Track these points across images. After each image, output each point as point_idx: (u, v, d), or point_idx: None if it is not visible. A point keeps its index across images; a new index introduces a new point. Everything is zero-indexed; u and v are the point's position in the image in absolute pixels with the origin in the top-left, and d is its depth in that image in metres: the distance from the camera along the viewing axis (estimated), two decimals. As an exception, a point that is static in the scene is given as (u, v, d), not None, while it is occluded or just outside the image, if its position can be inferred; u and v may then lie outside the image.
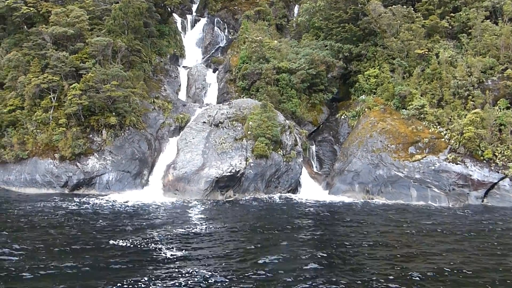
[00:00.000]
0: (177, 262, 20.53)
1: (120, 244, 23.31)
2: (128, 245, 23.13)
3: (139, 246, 23.05)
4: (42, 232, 25.76)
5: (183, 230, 26.97)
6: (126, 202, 36.53)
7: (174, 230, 26.86)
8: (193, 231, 26.87)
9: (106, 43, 44.88)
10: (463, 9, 51.55)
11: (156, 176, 43.08)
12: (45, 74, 43.53)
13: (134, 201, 36.87)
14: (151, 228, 27.39)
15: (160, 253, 21.94)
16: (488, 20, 49.32)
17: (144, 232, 26.16)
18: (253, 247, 23.67)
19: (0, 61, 47.25)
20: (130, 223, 28.56)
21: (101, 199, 37.85)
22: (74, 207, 33.77)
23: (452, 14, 52.02)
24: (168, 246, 23.19)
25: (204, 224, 29.12)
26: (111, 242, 23.65)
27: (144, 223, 28.77)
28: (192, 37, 66.27)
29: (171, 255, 21.55)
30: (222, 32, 67.86)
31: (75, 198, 37.45)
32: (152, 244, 23.47)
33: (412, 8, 52.20)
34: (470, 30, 49.52)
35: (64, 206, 34.12)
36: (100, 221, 29.16)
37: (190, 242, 24.29)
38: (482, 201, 39.91)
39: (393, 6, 51.78)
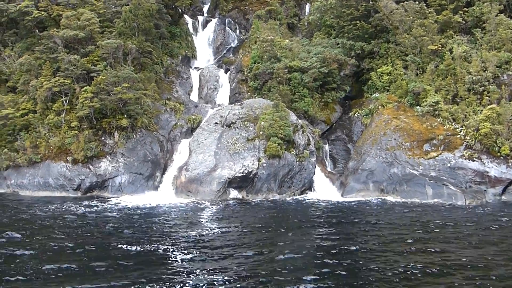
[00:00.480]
0: (186, 265, 20.17)
1: (128, 247, 22.97)
2: (137, 248, 22.79)
3: (148, 248, 22.71)
4: (52, 235, 25.54)
5: (193, 232, 26.59)
6: (138, 204, 36.31)
7: (184, 233, 26.52)
8: (203, 233, 26.51)
9: (117, 45, 44.87)
10: (477, 4, 50.73)
11: (168, 177, 42.94)
12: (56, 77, 43.65)
13: (146, 203, 36.66)
14: (162, 231, 27.13)
15: (169, 255, 21.56)
16: (502, 14, 48.49)
17: (154, 235, 25.89)
18: (263, 250, 23.14)
19: (12, 65, 47.51)
20: (140, 226, 28.38)
21: (113, 201, 37.73)
22: (84, 210, 33.64)
23: (465, 8, 51.24)
24: (178, 248, 22.81)
25: (215, 226, 28.77)
26: (119, 245, 23.34)
27: (154, 226, 28.51)
28: (204, 38, 66.15)
29: (180, 258, 21.17)
30: (234, 32, 67.68)
31: (86, 201, 37.37)
32: (162, 246, 23.12)
33: (425, 4, 51.43)
34: (484, 25, 48.68)
35: (74, 209, 33.97)
36: (110, 224, 28.91)
37: (200, 244, 23.88)
38: (500, 198, 39.17)
39: (405, 2, 51.12)
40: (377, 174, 41.98)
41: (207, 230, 27.36)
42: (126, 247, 22.96)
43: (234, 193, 40.63)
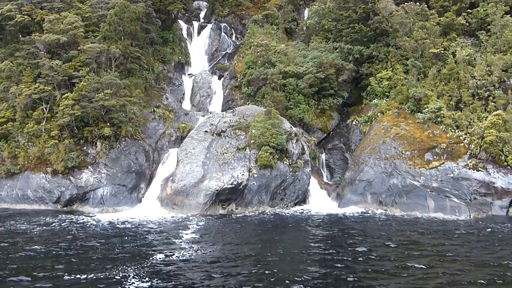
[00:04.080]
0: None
1: (78, 275, 20.16)
2: (89, 276, 20.05)
3: (101, 275, 19.97)
4: None
5: (163, 254, 23.82)
6: (117, 218, 33.88)
7: (154, 255, 23.77)
8: (174, 256, 23.77)
9: (100, 50, 42.58)
10: (481, 5, 48.21)
11: (154, 189, 40.51)
12: (37, 84, 41.44)
13: (126, 218, 34.19)
14: (130, 252, 24.45)
15: (124, 285, 18.78)
16: (508, 15, 45.95)
17: (117, 257, 23.20)
18: (244, 279, 20.31)
19: (-8, 72, 45.33)
20: (107, 245, 25.71)
21: (91, 215, 35.34)
22: (51, 227, 31.20)
23: (469, 10, 48.69)
24: (138, 275, 19.95)
25: (191, 247, 25.99)
26: (66, 274, 20.33)
27: (123, 246, 25.71)
28: (199, 44, 63.79)
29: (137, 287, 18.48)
30: (229, 38, 65.31)
31: (63, 215, 35.04)
32: (121, 272, 20.35)
33: (426, 5, 48.95)
34: (489, 27, 46.24)
35: (42, 225, 31.52)
36: (74, 243, 26.31)
37: (167, 271, 21.03)
38: (508, 211, 36.54)
39: (405, 3, 48.74)
40: (376, 185, 39.42)
41: (181, 252, 24.61)
42: (74, 276, 20.00)
43: (222, 206, 38.15)
